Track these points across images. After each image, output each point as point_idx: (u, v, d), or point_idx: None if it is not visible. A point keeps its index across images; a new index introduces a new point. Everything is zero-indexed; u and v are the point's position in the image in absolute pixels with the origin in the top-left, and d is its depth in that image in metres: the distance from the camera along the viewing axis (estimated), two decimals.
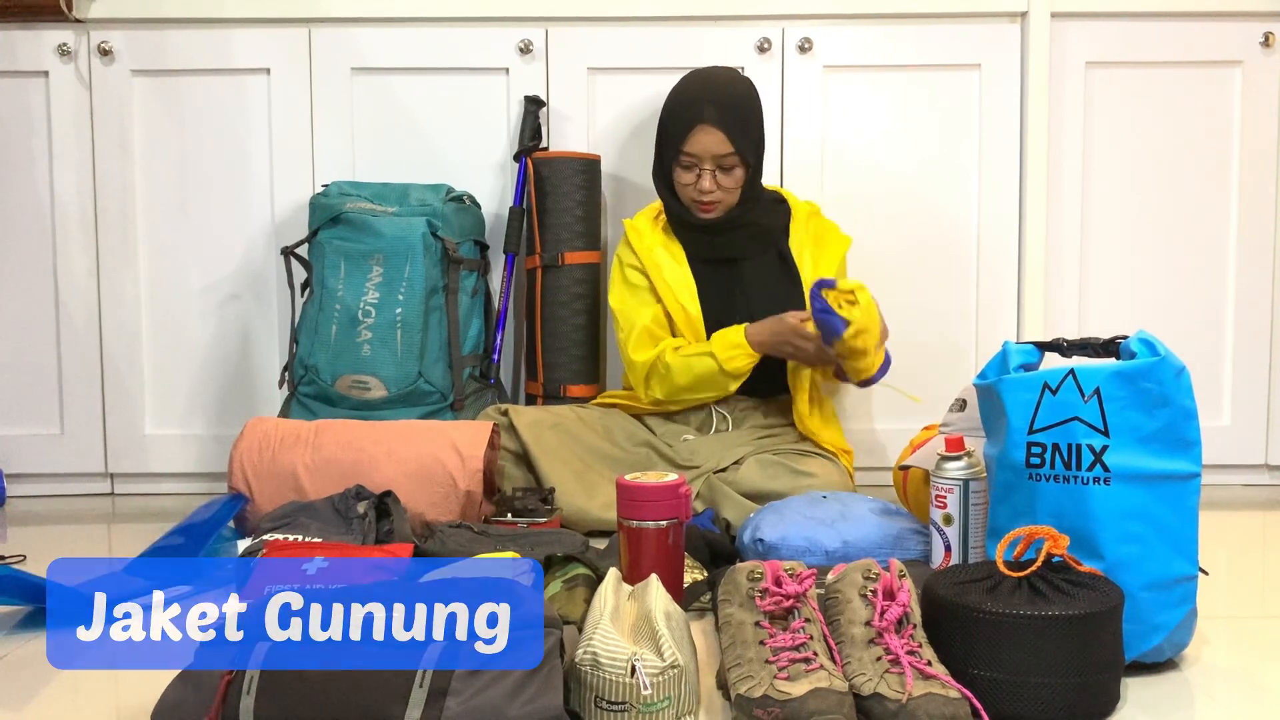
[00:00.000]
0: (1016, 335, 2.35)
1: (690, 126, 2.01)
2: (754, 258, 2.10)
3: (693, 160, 2.02)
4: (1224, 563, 1.78)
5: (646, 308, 2.08)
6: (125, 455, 2.35)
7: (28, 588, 1.47)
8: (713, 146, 2.00)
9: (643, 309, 2.08)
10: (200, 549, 1.72)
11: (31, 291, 2.34)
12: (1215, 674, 1.28)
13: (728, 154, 2.01)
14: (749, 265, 2.10)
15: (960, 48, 2.32)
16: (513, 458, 2.01)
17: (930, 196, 2.34)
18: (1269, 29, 2.31)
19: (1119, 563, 1.23)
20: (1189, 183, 2.35)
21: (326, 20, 2.30)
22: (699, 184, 2.03)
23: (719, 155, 2.01)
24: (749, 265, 2.10)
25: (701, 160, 2.01)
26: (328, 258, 2.14)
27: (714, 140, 2.00)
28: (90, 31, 2.30)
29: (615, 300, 2.12)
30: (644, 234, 2.12)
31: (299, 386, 2.14)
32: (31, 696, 1.23)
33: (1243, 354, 2.36)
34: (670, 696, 1.08)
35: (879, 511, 1.65)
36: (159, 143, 2.33)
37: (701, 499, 1.94)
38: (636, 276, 2.10)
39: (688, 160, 2.03)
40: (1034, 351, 1.37)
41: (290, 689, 1.01)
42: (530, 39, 2.30)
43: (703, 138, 2.00)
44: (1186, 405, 1.26)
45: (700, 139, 2.01)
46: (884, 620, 1.14)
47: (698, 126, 2.00)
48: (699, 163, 2.02)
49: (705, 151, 2.01)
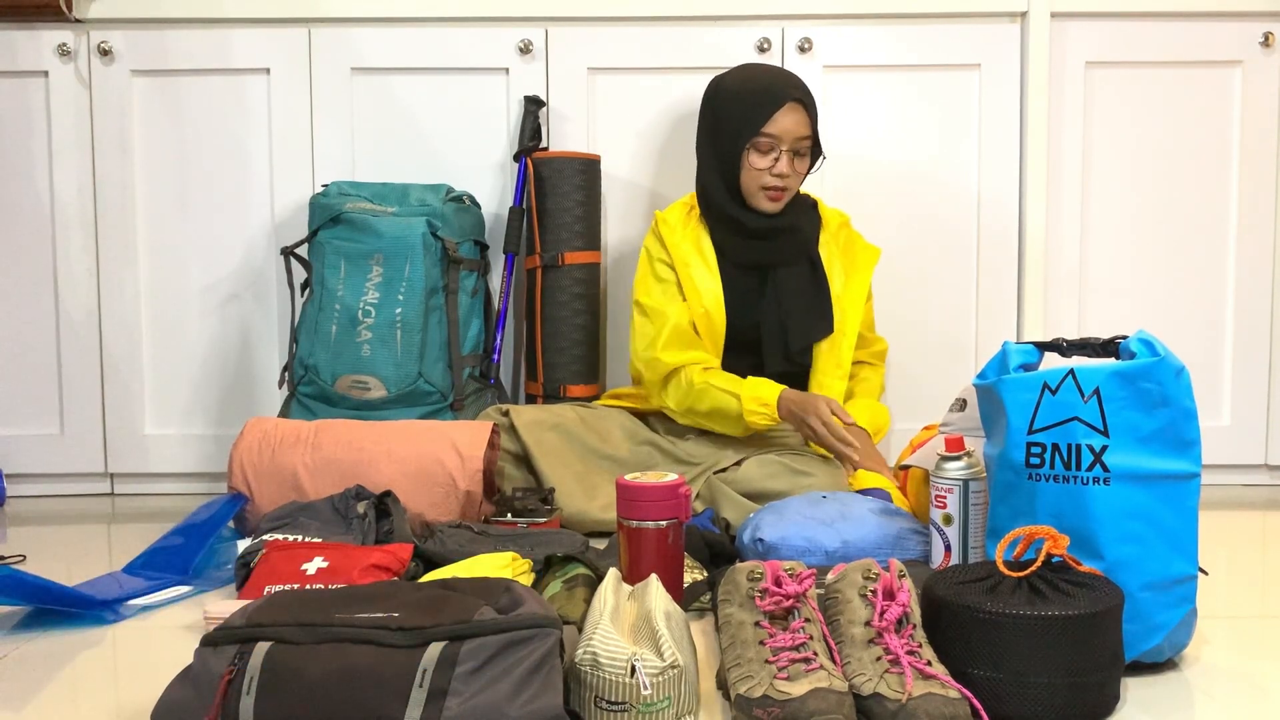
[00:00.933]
0: (1016, 335, 2.35)
1: (777, 105, 1.97)
2: (788, 265, 2.06)
3: (773, 142, 1.98)
4: (1224, 563, 1.78)
5: (676, 304, 2.03)
6: (125, 455, 2.35)
7: (28, 588, 1.47)
8: (796, 127, 1.98)
9: (673, 305, 2.03)
10: (200, 549, 1.72)
11: (31, 291, 2.34)
12: (1215, 674, 1.28)
13: (805, 137, 2.00)
14: (782, 272, 2.05)
15: (960, 48, 2.32)
16: (513, 459, 2.01)
17: (930, 196, 2.34)
18: (1269, 29, 2.31)
19: (1119, 563, 1.23)
20: (1189, 183, 2.35)
21: (326, 20, 2.31)
22: (776, 167, 1.98)
23: (799, 137, 1.99)
24: (782, 272, 2.05)
25: (782, 141, 1.98)
26: (328, 258, 2.14)
27: (799, 120, 1.98)
28: (90, 31, 2.30)
29: (644, 294, 2.06)
30: (675, 228, 2.07)
31: (299, 386, 2.14)
32: (31, 696, 1.23)
33: (1243, 354, 2.36)
34: (670, 696, 1.08)
35: (879, 511, 1.65)
36: (159, 143, 2.33)
37: (701, 499, 1.94)
38: (665, 271, 2.06)
39: (767, 142, 1.98)
40: (1034, 351, 1.37)
41: (290, 689, 1.01)
42: (530, 39, 2.31)
43: (789, 117, 1.97)
44: (1186, 405, 1.26)
45: (786, 118, 1.97)
46: (884, 620, 1.14)
47: (786, 104, 1.97)
48: (779, 144, 1.98)
49: (788, 132, 1.98)
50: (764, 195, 2.01)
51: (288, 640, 1.05)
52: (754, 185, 2.01)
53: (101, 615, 1.50)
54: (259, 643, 1.04)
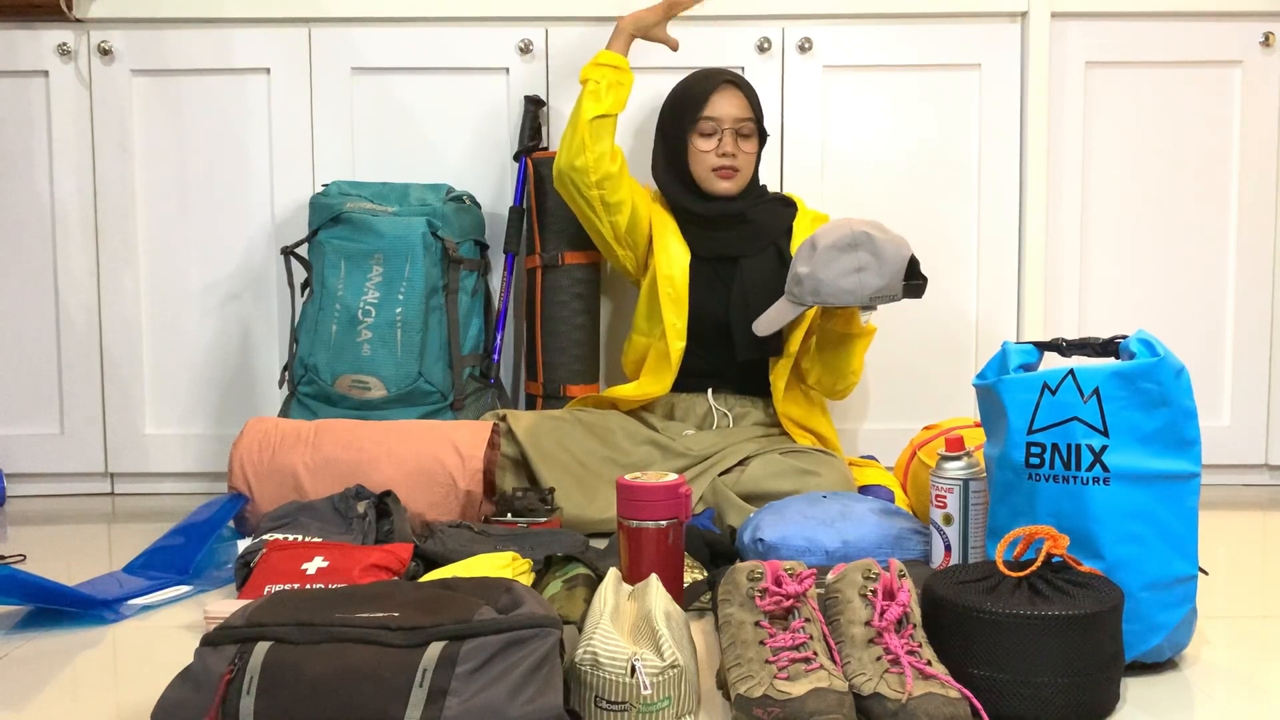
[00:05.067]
0: (1016, 335, 2.35)
1: (712, 89, 2.07)
2: (752, 255, 2.11)
3: (714, 124, 2.07)
4: (1224, 563, 1.78)
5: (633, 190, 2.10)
6: (125, 455, 2.35)
7: (28, 588, 1.47)
8: (734, 109, 2.07)
9: (630, 183, 2.10)
10: (200, 549, 1.72)
11: (31, 291, 2.34)
12: (1215, 674, 1.28)
13: (746, 118, 2.08)
14: (747, 263, 2.10)
15: (960, 48, 2.32)
16: (511, 464, 2.00)
17: (930, 196, 2.34)
18: (1269, 29, 2.31)
19: (1119, 563, 1.24)
20: (1189, 183, 2.35)
21: (326, 20, 2.30)
22: (720, 147, 2.06)
23: (739, 118, 2.07)
24: (747, 263, 2.10)
25: (723, 123, 2.06)
26: (328, 257, 2.14)
27: (735, 102, 2.07)
28: (90, 31, 2.30)
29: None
30: (657, 204, 2.17)
31: (299, 386, 2.14)
32: (31, 696, 1.23)
33: (1243, 354, 2.36)
34: (670, 696, 1.09)
35: (879, 511, 1.65)
36: (159, 143, 2.33)
37: (704, 502, 1.94)
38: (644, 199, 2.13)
39: (709, 125, 2.07)
40: (1034, 351, 1.37)
41: (290, 689, 1.01)
42: (530, 39, 2.31)
43: (725, 98, 2.07)
44: (1186, 405, 1.26)
45: (722, 100, 2.07)
46: (884, 620, 1.14)
47: (720, 88, 2.07)
48: (719, 125, 2.06)
49: (727, 114, 2.07)
50: (715, 176, 2.08)
51: (288, 640, 1.05)
52: (704, 169, 2.09)
53: (101, 615, 1.50)
54: (259, 642, 1.04)
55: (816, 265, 1.81)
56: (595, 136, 2.03)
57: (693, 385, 2.14)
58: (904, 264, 1.79)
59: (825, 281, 1.80)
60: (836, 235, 1.80)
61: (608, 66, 2.06)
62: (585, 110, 2.03)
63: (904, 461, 1.94)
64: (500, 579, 1.19)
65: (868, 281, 1.78)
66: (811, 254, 1.82)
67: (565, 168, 2.05)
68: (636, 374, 2.17)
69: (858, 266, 1.78)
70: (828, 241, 1.81)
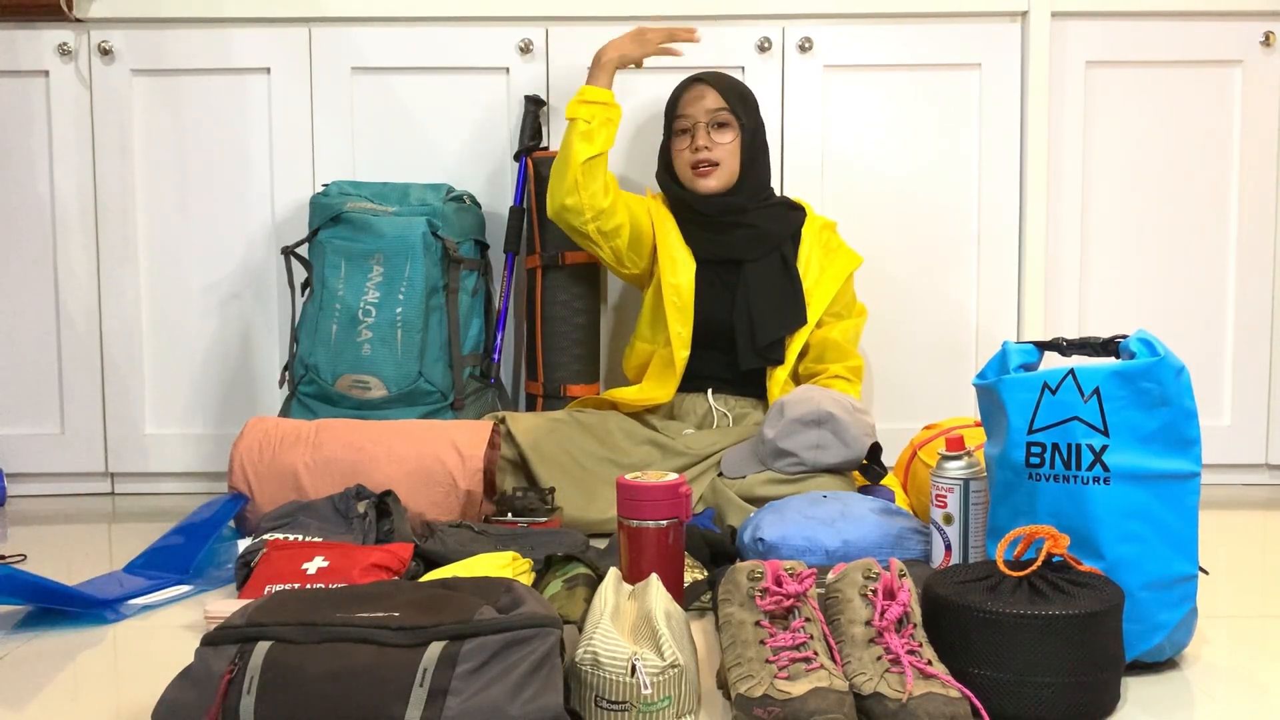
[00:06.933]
0: (1016, 335, 2.35)
1: (681, 91, 2.12)
2: (756, 260, 2.10)
3: (686, 122, 2.09)
4: (1224, 563, 1.78)
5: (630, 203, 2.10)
6: (125, 455, 2.35)
7: (28, 588, 1.47)
8: (705, 102, 2.08)
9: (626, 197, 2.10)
10: (200, 549, 1.72)
11: (31, 291, 2.34)
12: (1215, 674, 1.28)
13: (718, 108, 2.08)
14: (749, 268, 2.10)
15: (960, 47, 2.32)
16: (511, 466, 2.00)
17: (930, 196, 2.34)
18: (1269, 29, 2.31)
19: (1119, 562, 1.24)
20: (1189, 182, 2.35)
21: (326, 20, 2.31)
22: (694, 142, 2.07)
23: (711, 109, 2.08)
24: (749, 268, 2.10)
25: (696, 119, 2.08)
26: (328, 257, 2.14)
27: (704, 97, 2.09)
28: (90, 31, 2.30)
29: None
30: (660, 206, 2.16)
31: (299, 386, 2.14)
32: (31, 696, 1.23)
33: (1243, 354, 2.36)
34: (670, 696, 1.09)
35: (879, 511, 1.65)
36: (159, 143, 2.33)
37: (704, 501, 1.94)
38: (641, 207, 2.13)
39: (682, 122, 2.10)
40: (1034, 351, 1.37)
41: (290, 689, 1.01)
42: (530, 39, 2.31)
43: (693, 95, 2.10)
44: (1186, 405, 1.26)
45: (690, 97, 2.10)
46: (884, 620, 1.14)
47: (689, 87, 2.11)
48: (691, 122, 2.08)
49: (698, 109, 2.08)
50: (694, 174, 2.10)
51: (288, 640, 1.05)
52: (685, 168, 2.11)
53: (102, 615, 1.50)
54: (259, 642, 1.04)
55: (780, 434, 1.83)
56: (589, 176, 2.02)
57: (693, 386, 2.14)
58: (863, 452, 1.84)
59: (784, 451, 1.83)
60: (804, 410, 1.83)
61: (597, 104, 2.04)
62: (578, 152, 2.01)
63: (904, 461, 1.94)
64: (500, 579, 1.19)
65: (822, 460, 1.83)
66: (779, 420, 1.85)
67: (559, 208, 2.05)
68: (639, 378, 2.17)
69: (816, 444, 1.82)
70: (794, 414, 1.83)
